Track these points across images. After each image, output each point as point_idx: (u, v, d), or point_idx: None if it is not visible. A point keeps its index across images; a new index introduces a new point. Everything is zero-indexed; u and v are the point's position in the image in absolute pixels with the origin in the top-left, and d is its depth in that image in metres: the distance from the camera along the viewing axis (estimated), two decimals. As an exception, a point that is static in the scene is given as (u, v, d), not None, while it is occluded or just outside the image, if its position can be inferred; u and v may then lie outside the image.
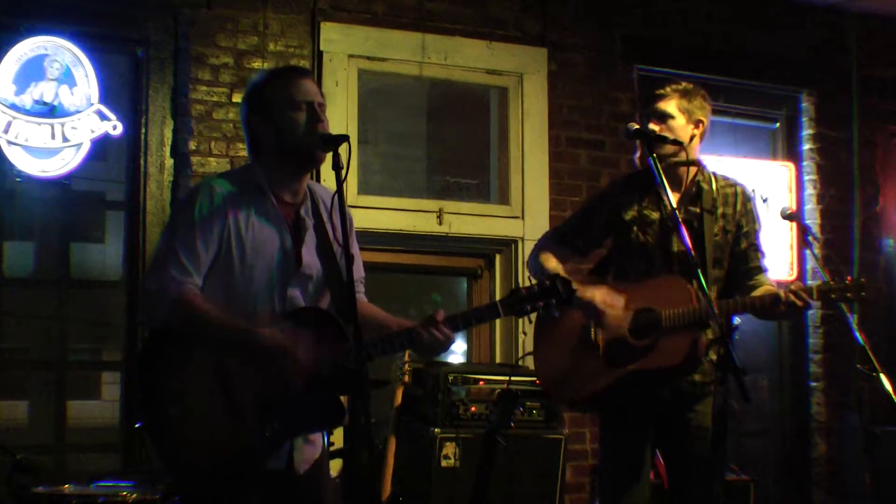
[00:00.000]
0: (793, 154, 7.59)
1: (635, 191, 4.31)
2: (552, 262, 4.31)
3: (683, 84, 4.33)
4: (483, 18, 6.62)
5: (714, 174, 4.33)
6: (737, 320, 4.20)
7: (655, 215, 4.23)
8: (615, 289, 4.18)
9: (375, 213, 6.27)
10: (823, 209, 7.48)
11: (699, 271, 3.73)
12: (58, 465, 5.76)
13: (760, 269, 4.29)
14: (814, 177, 7.51)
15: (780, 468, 7.53)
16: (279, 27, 6.10)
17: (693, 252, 3.82)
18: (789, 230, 7.18)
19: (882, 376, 4.34)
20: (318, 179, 5.52)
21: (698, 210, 4.21)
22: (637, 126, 4.08)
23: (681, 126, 4.24)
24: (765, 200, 7.23)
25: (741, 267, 4.28)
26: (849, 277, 4.09)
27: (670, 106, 4.24)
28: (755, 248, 4.31)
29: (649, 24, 7.08)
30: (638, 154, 4.29)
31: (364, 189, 6.34)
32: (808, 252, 6.68)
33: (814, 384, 7.43)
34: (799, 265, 7.27)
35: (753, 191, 7.16)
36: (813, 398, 7.42)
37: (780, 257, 7.18)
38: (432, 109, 6.83)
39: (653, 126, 4.20)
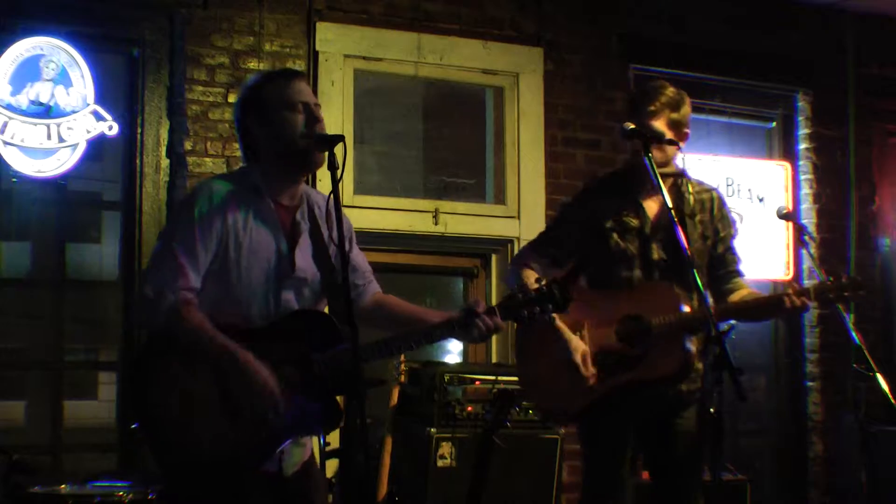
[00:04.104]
0: (789, 153, 7.60)
1: (612, 195, 4.27)
2: (533, 277, 4.19)
3: (670, 93, 4.21)
4: (479, 18, 6.62)
5: (690, 180, 4.32)
6: (732, 321, 4.18)
7: (635, 222, 4.21)
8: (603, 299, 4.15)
9: (371, 213, 6.26)
10: (820, 208, 7.49)
11: (695, 272, 3.73)
12: (54, 465, 5.75)
13: (737, 273, 4.31)
14: (810, 176, 7.51)
15: (777, 468, 7.54)
16: (275, 27, 6.10)
17: (689, 251, 3.82)
18: (785, 230, 7.18)
19: (878, 376, 4.34)
20: (313, 179, 5.52)
21: (679, 216, 4.19)
22: (633, 125, 4.07)
23: None
24: (761, 200, 7.23)
25: (718, 271, 4.29)
26: (845, 276, 4.10)
27: (660, 123, 4.15)
28: (731, 252, 4.33)
29: (645, 24, 7.08)
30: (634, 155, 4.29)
31: (360, 189, 6.34)
32: (804, 251, 6.68)
33: (810, 384, 7.43)
34: (795, 265, 7.28)
35: (750, 191, 7.19)
36: (809, 398, 7.43)
37: (776, 257, 7.19)
38: (428, 109, 6.83)
39: None
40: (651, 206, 4.22)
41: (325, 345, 3.30)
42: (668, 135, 4.17)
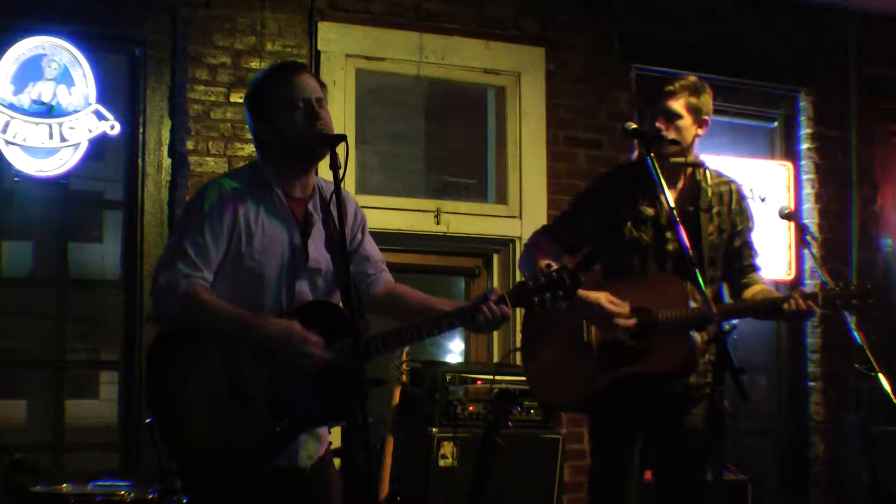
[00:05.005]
0: (791, 153, 7.59)
1: (629, 185, 4.22)
2: (546, 261, 4.23)
3: (691, 79, 4.21)
4: (481, 18, 6.62)
5: (709, 171, 4.28)
6: (735, 320, 4.14)
7: (651, 212, 4.17)
8: (612, 288, 4.13)
9: (373, 213, 6.21)
10: (821, 208, 7.48)
11: (696, 271, 3.71)
12: (56, 465, 5.75)
13: (753, 268, 4.27)
14: (812, 176, 7.51)
15: (778, 468, 7.53)
16: (276, 27, 6.10)
17: (691, 252, 3.79)
18: (787, 230, 7.18)
19: (880, 376, 4.34)
20: (315, 179, 5.52)
21: (694, 209, 4.18)
22: (634, 125, 4.03)
23: (687, 126, 4.16)
24: (763, 200, 7.23)
25: (734, 265, 4.25)
26: (855, 283, 4.05)
27: (679, 104, 4.14)
28: (748, 247, 4.29)
29: (647, 23, 7.07)
30: (636, 154, 4.28)
31: (362, 188, 6.33)
32: (805, 252, 6.68)
33: (812, 384, 7.43)
34: (797, 265, 7.28)
35: (751, 190, 7.18)
36: (811, 398, 7.42)
37: (777, 257, 7.18)
38: (430, 109, 6.83)
39: (658, 125, 4.10)
40: (670, 198, 4.19)
41: (334, 337, 3.28)
42: (687, 118, 4.15)
